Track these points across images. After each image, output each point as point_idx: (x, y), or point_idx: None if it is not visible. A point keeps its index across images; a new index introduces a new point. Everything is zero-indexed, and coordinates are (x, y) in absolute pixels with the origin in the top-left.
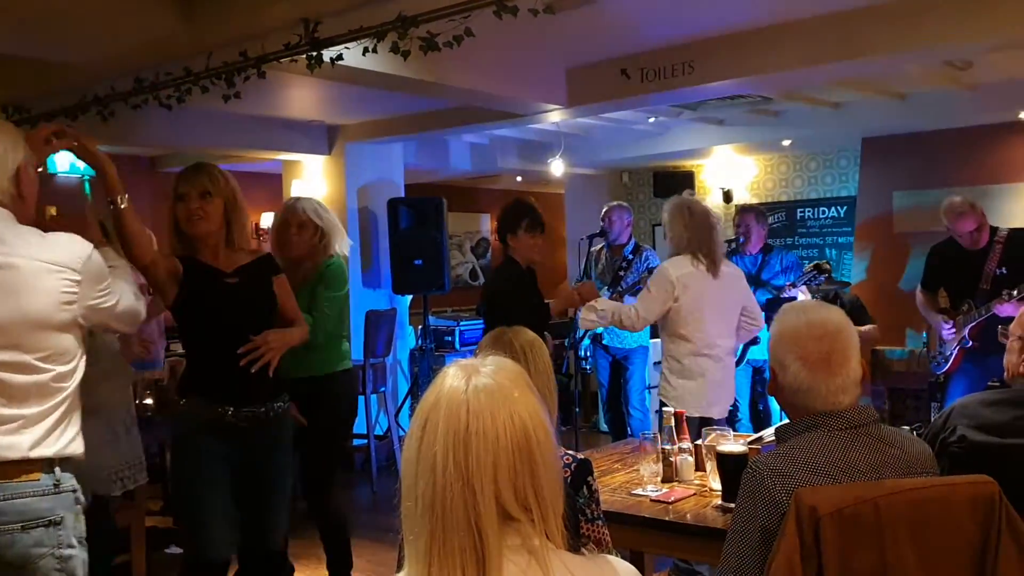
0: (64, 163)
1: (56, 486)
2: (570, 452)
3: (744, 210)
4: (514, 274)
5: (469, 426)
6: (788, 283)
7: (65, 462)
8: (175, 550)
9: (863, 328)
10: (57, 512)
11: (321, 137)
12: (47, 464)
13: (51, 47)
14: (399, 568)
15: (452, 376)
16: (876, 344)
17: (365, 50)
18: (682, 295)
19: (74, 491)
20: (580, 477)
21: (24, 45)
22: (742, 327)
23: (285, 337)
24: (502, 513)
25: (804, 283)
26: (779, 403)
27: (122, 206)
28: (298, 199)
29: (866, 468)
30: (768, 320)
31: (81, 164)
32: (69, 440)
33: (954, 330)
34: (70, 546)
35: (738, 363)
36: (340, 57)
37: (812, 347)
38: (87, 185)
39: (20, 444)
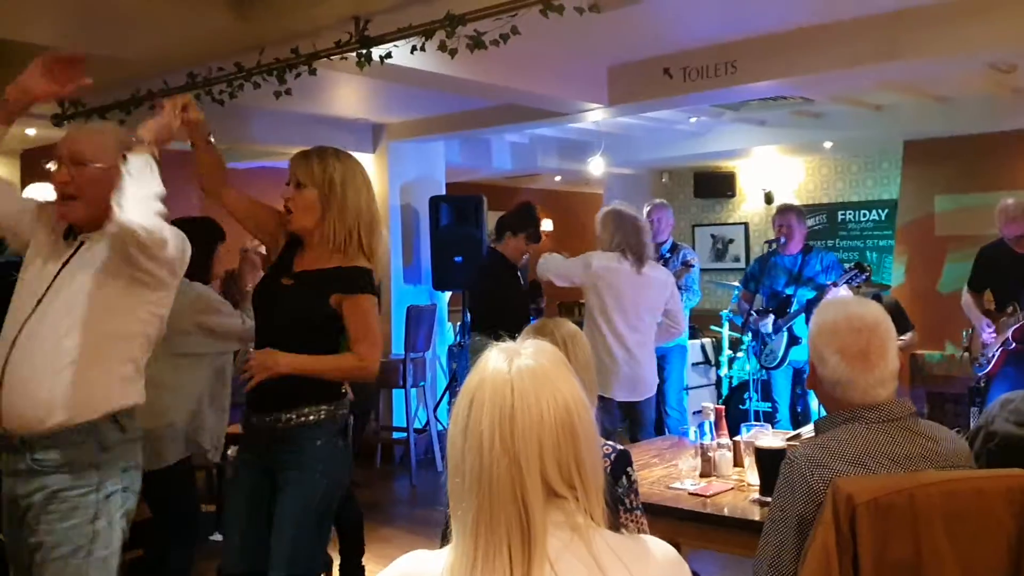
0: None
1: None
2: (609, 443)
3: (784, 209)
4: (507, 266)
5: (514, 405)
6: (830, 282)
7: None
8: (218, 537)
9: (903, 338)
10: None
11: (366, 135)
12: None
13: (105, 42)
14: (444, 543)
15: (495, 358)
16: (914, 349)
17: (413, 48)
18: (598, 283)
19: None
20: (619, 467)
21: (79, 40)
22: (664, 328)
23: (294, 363)
24: (547, 489)
25: (845, 282)
26: (818, 396)
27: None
28: None
29: (902, 460)
30: (808, 319)
31: None
32: None
33: (995, 332)
34: None
35: (779, 364)
36: (389, 55)
37: (850, 340)
38: None
39: None
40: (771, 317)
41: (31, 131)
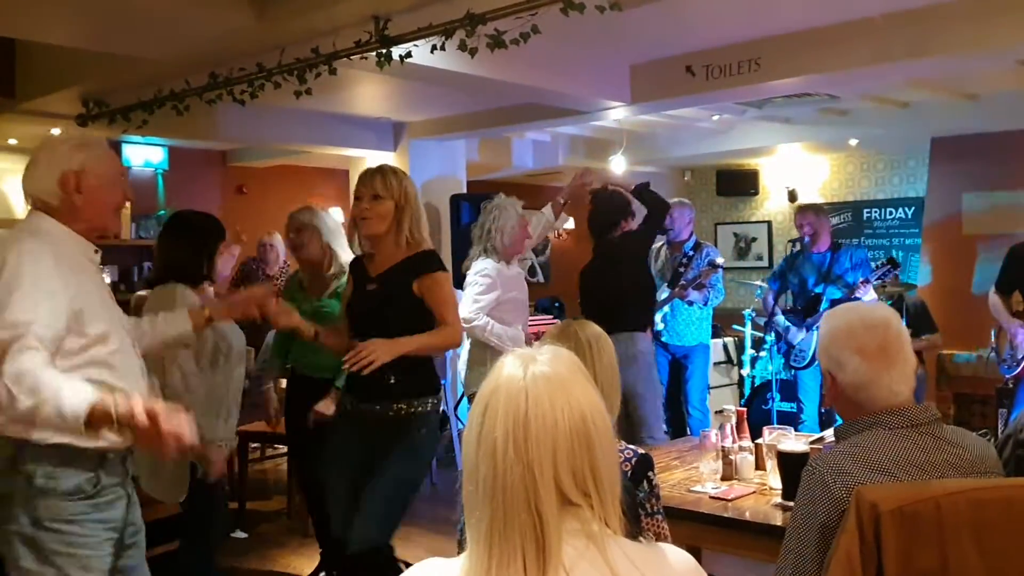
0: (138, 157)
1: None
2: (631, 447)
3: (803, 209)
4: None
5: (528, 412)
6: (861, 280)
7: None
8: (240, 534)
9: (925, 337)
10: None
11: (387, 134)
12: None
13: (127, 43)
14: (460, 550)
15: (510, 364)
16: (937, 350)
17: (433, 47)
18: None
19: None
20: (641, 472)
21: (103, 41)
22: None
23: (393, 346)
24: (561, 497)
25: (878, 278)
26: (838, 407)
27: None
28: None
29: (927, 467)
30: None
31: (155, 158)
32: None
33: None
34: None
35: (809, 364)
36: (409, 54)
37: (868, 338)
38: (160, 178)
39: None
40: (802, 332)
41: (56, 131)
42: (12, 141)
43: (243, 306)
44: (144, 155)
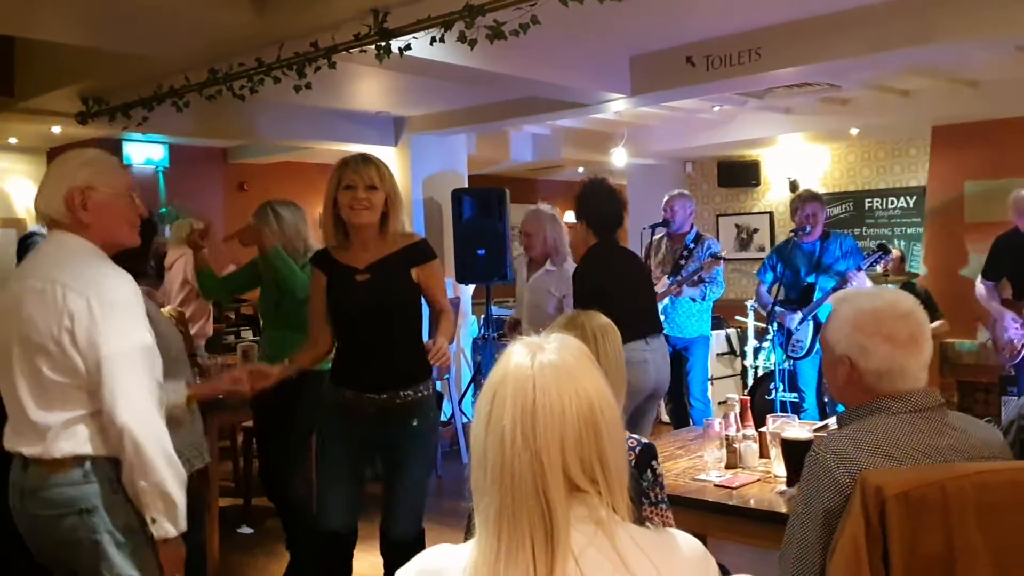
0: (139, 155)
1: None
2: (635, 436)
3: (810, 197)
4: None
5: (536, 400)
6: (855, 267)
7: None
8: (246, 530)
9: (933, 325)
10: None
11: (388, 129)
12: None
13: (127, 40)
14: (468, 536)
15: (518, 353)
16: (943, 338)
17: (433, 40)
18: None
19: None
20: (644, 461)
21: (102, 38)
22: None
23: (448, 342)
24: (569, 484)
25: (871, 264)
26: (845, 395)
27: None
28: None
29: (931, 451)
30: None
31: (156, 156)
32: None
33: (1019, 322)
34: None
35: (807, 354)
36: (408, 47)
37: (900, 326)
38: (161, 176)
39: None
40: (798, 314)
41: (56, 129)
42: (12, 140)
43: (227, 385)
44: (145, 153)
